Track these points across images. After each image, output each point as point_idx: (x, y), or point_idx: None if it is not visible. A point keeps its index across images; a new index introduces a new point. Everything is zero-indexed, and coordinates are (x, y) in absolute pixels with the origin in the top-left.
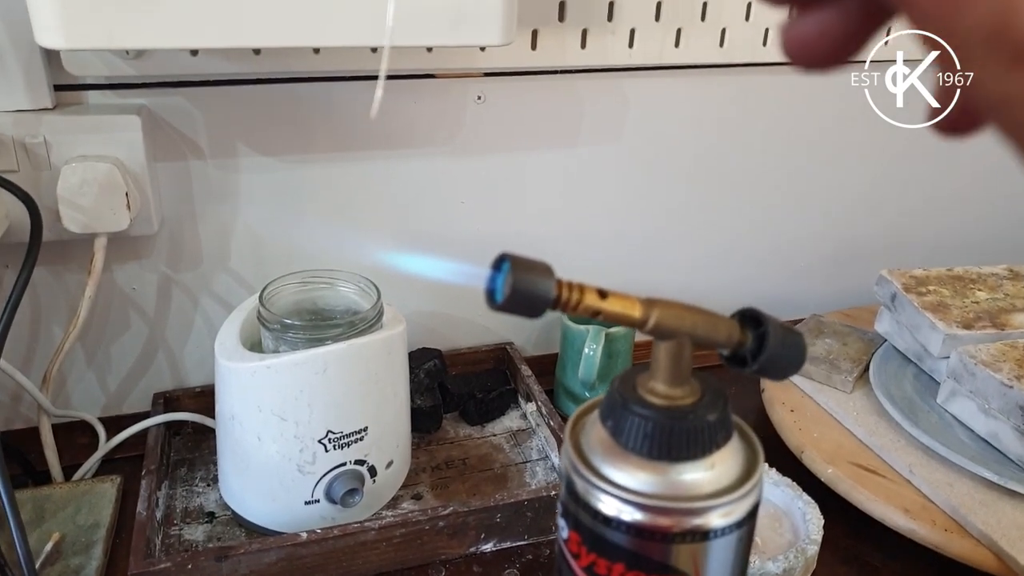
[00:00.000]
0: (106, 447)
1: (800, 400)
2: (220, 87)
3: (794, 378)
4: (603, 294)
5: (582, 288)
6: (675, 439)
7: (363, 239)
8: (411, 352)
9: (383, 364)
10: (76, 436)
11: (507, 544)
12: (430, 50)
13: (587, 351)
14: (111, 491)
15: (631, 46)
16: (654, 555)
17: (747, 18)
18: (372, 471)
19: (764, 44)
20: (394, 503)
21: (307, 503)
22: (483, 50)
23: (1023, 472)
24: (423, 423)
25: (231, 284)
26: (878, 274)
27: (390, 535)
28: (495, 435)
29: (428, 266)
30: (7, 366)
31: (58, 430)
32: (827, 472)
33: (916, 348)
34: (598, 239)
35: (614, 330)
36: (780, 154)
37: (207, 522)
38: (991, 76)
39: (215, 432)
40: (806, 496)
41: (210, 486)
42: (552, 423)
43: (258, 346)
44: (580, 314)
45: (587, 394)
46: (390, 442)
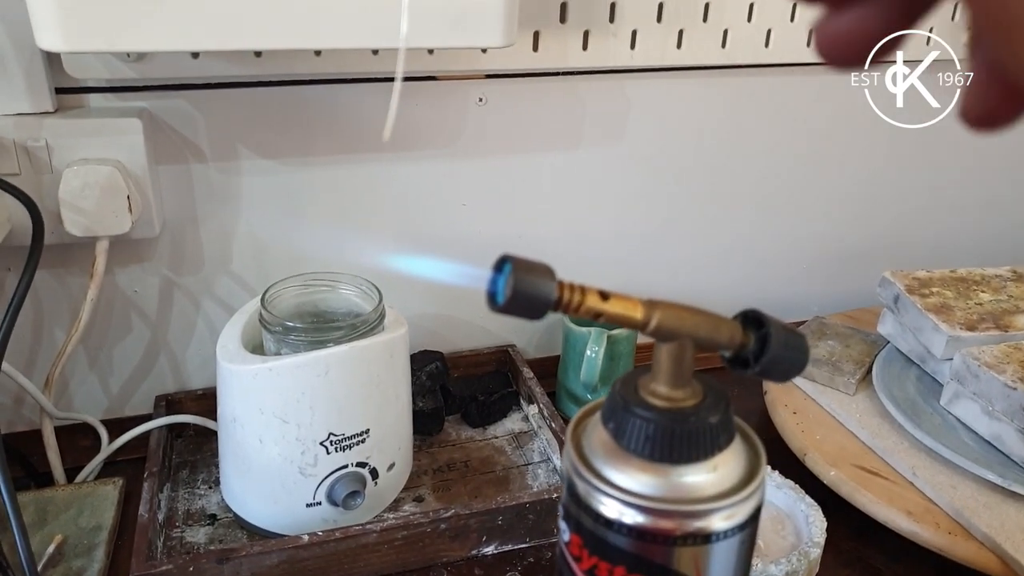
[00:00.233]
0: (108, 449)
1: (803, 402)
2: (221, 90)
3: (797, 380)
4: (605, 296)
5: (583, 290)
6: (677, 441)
7: (365, 241)
8: (413, 354)
9: (385, 366)
10: (78, 438)
11: (509, 547)
12: (431, 52)
13: (589, 353)
14: (113, 493)
15: (633, 47)
16: (656, 558)
17: (749, 19)
18: (374, 473)
19: (766, 45)
20: (396, 505)
21: (309, 505)
22: (484, 52)
23: None
24: (425, 425)
25: (233, 287)
26: (881, 276)
27: (392, 537)
28: (497, 437)
29: (430, 268)
30: (10, 369)
31: (60, 432)
32: (830, 474)
33: (919, 350)
34: (600, 241)
35: (616, 332)
36: (782, 155)
37: (209, 524)
38: None
39: (217, 434)
40: (809, 499)
41: (212, 488)
42: (554, 425)
43: (260, 349)
44: (581, 316)
45: (589, 396)
46: (392, 444)
